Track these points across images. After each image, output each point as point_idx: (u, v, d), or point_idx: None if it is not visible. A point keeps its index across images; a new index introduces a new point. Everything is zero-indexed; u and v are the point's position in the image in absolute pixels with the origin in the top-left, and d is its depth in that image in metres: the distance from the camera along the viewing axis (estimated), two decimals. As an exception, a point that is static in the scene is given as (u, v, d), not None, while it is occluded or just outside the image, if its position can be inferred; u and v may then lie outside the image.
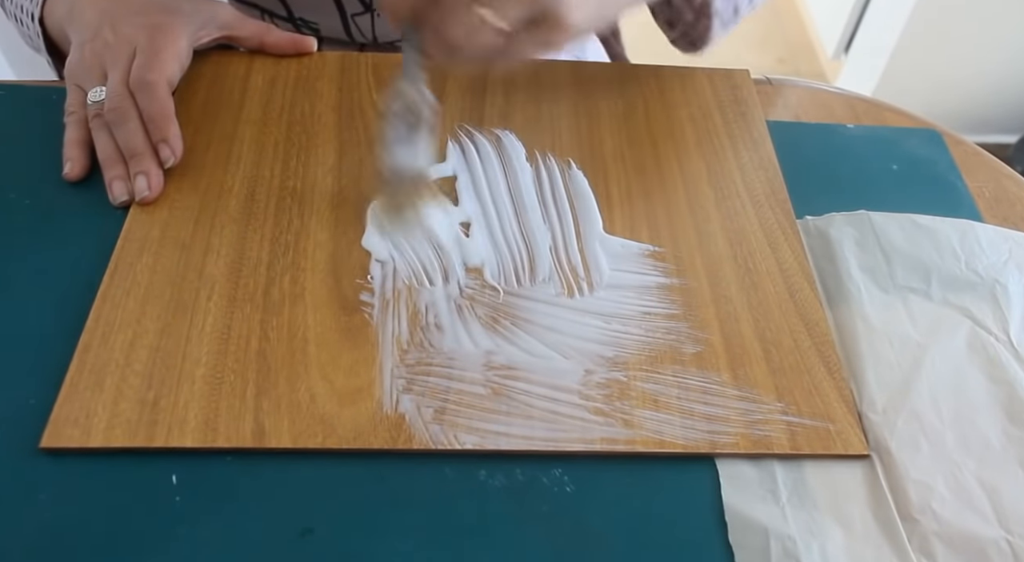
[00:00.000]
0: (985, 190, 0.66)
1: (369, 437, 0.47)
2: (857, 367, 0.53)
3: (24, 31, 0.72)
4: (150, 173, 0.58)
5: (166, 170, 0.59)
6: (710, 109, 0.69)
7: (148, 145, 0.59)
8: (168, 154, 0.59)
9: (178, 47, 0.62)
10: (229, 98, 0.66)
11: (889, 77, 1.97)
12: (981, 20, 1.84)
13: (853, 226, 0.60)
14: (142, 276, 0.54)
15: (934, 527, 0.46)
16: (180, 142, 0.60)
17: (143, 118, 0.59)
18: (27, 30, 0.71)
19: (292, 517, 0.46)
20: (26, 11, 0.69)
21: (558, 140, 0.65)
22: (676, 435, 0.49)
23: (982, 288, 0.56)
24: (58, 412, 0.48)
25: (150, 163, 0.59)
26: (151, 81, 0.59)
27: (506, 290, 0.55)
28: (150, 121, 0.59)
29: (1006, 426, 0.50)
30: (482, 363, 0.51)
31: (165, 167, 0.59)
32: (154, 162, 0.59)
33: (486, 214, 0.59)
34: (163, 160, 0.59)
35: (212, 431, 0.47)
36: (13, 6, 0.72)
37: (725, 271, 0.57)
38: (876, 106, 0.74)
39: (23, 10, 0.70)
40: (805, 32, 2.46)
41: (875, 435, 0.49)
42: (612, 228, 0.59)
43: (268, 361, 0.50)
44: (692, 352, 0.52)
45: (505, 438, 0.48)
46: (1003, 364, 0.52)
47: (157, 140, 0.59)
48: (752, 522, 0.46)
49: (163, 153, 0.59)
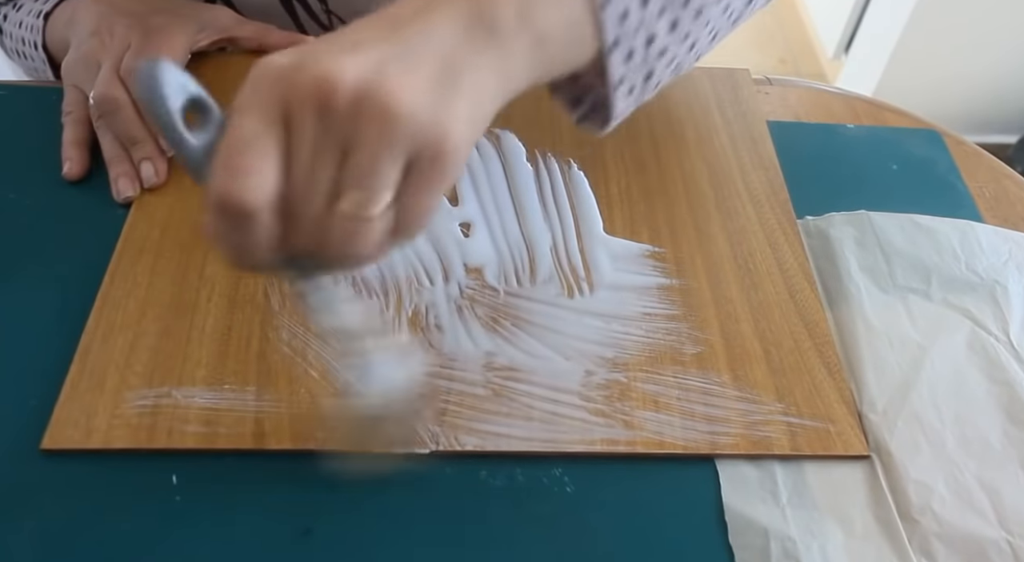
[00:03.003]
0: (985, 190, 0.66)
1: (368, 439, 0.47)
2: (857, 368, 0.53)
3: (28, 64, 0.72)
4: (154, 158, 0.58)
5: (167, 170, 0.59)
6: (710, 109, 0.69)
7: (147, 132, 0.59)
8: None
9: (173, 45, 0.62)
10: (229, 99, 0.66)
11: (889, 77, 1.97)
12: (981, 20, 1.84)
13: (853, 226, 0.60)
14: (142, 277, 0.54)
15: (934, 528, 0.46)
16: None
17: (138, 107, 0.59)
18: (30, 62, 0.71)
19: (292, 517, 0.46)
20: (28, 42, 0.70)
21: (559, 140, 0.65)
22: (676, 436, 0.49)
23: (982, 289, 0.56)
24: (59, 413, 0.48)
25: (152, 149, 0.59)
26: None
27: (506, 290, 0.55)
28: None
29: (1006, 427, 0.50)
30: (482, 364, 0.51)
31: (168, 154, 0.59)
32: (155, 147, 0.59)
33: (486, 214, 0.59)
34: (165, 148, 0.59)
35: (212, 432, 0.47)
36: (13, 41, 0.72)
37: (725, 271, 0.57)
38: (876, 106, 0.73)
39: (24, 42, 0.70)
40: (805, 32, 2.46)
41: (875, 436, 0.49)
42: (612, 228, 0.59)
43: (268, 362, 0.50)
44: (692, 353, 0.52)
45: (505, 439, 0.48)
46: (1003, 365, 0.52)
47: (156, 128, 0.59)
48: (752, 523, 0.46)
49: (163, 141, 0.59)
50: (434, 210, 0.38)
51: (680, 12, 0.44)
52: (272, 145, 0.35)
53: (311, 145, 0.35)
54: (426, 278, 0.55)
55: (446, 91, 0.36)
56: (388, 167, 0.35)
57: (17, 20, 0.72)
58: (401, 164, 0.35)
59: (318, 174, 0.35)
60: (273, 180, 0.35)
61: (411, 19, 0.37)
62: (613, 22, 0.41)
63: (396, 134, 0.34)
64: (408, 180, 0.36)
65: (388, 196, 0.36)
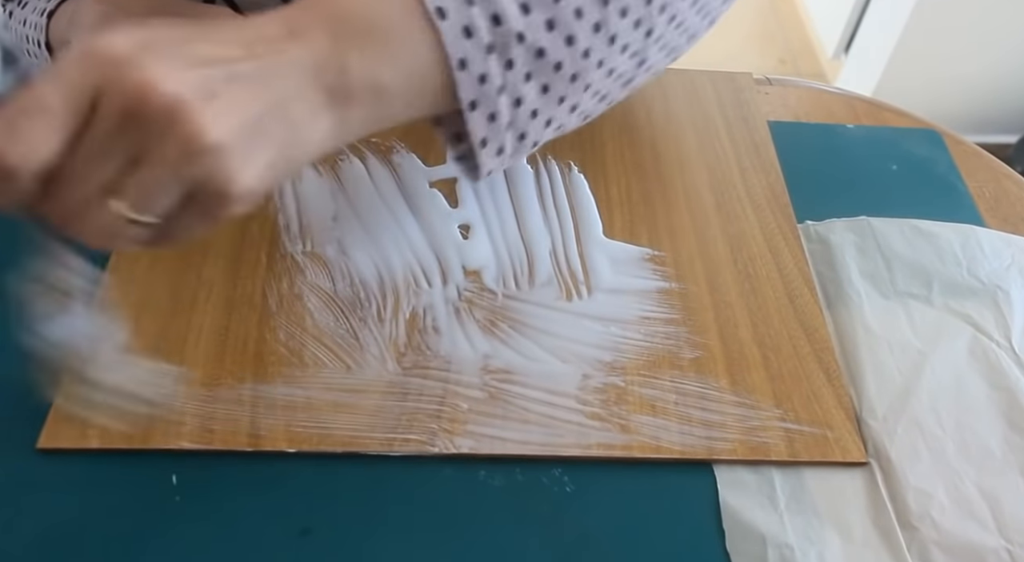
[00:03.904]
0: (985, 190, 0.66)
1: (365, 441, 0.47)
2: (857, 373, 0.52)
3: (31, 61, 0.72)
4: None
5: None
6: (712, 112, 0.69)
7: None
8: None
9: None
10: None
11: (889, 77, 1.97)
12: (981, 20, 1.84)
13: (854, 232, 0.60)
14: (140, 277, 0.54)
15: (933, 535, 0.45)
16: None
17: None
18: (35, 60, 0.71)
19: (291, 517, 0.45)
20: (32, 40, 0.70)
21: (559, 143, 0.65)
22: (673, 441, 0.48)
23: (984, 294, 0.56)
24: (56, 412, 0.47)
25: None
26: None
27: (504, 293, 0.55)
28: None
29: (1007, 433, 0.50)
30: (479, 367, 0.51)
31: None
32: None
33: (486, 217, 0.59)
34: None
35: (208, 433, 0.47)
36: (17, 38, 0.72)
37: (725, 276, 0.57)
38: (876, 106, 0.73)
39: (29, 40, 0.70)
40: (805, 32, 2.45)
41: (875, 442, 0.49)
42: (612, 232, 0.59)
43: (265, 363, 0.50)
44: (690, 357, 0.52)
45: (501, 442, 0.48)
46: (1004, 371, 0.52)
47: None
48: (750, 529, 0.46)
49: None
50: (199, 235, 0.37)
51: (551, 77, 0.42)
52: (61, 124, 0.34)
53: (103, 142, 0.34)
54: (424, 280, 0.55)
55: (261, 136, 0.35)
56: (172, 189, 0.35)
57: (21, 17, 0.72)
58: (185, 190, 0.35)
59: (97, 170, 0.35)
60: (46, 156, 0.34)
61: (272, 42, 0.36)
62: (470, 83, 0.40)
63: (190, 164, 0.34)
64: (185, 205, 0.36)
65: (161, 212, 0.36)
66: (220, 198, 0.35)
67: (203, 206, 0.36)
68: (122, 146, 0.34)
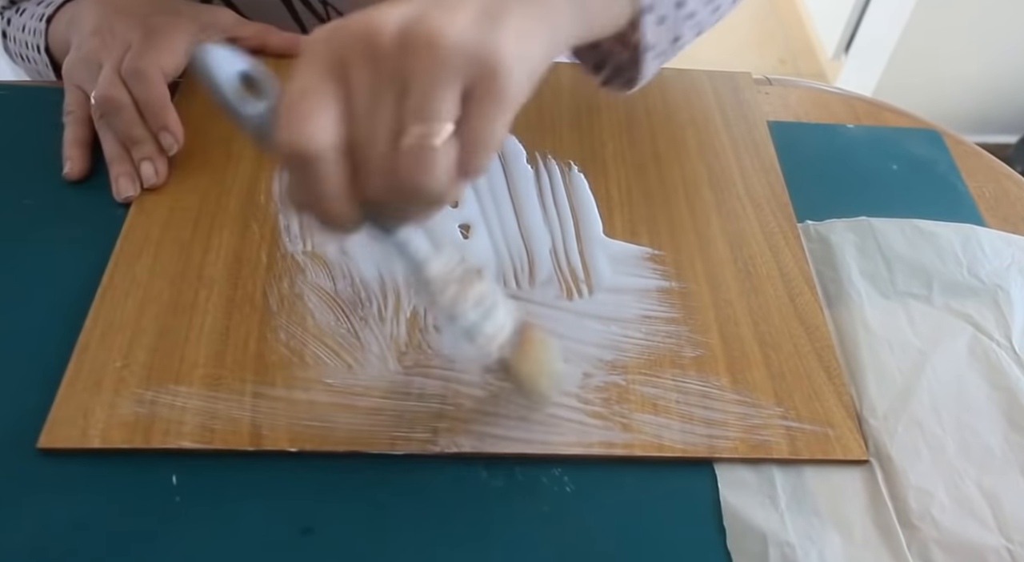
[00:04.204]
0: (985, 190, 0.66)
1: (367, 440, 0.47)
2: (857, 373, 0.52)
3: (31, 67, 0.73)
4: (154, 159, 0.58)
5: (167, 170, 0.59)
6: (712, 111, 0.69)
7: (147, 132, 0.59)
8: (171, 141, 0.59)
9: (174, 45, 0.62)
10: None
11: (889, 77, 1.97)
12: (981, 20, 1.84)
13: (854, 231, 0.60)
14: (141, 276, 0.54)
15: (934, 534, 0.45)
16: (180, 128, 0.59)
17: (139, 107, 0.59)
18: (33, 65, 0.71)
19: (292, 517, 0.45)
20: (31, 45, 0.70)
21: (559, 142, 0.65)
22: (675, 439, 0.49)
23: (984, 294, 0.56)
24: (56, 412, 0.47)
25: (152, 149, 0.59)
26: (142, 68, 0.59)
27: (505, 292, 0.55)
28: (146, 109, 0.59)
29: (1007, 433, 0.50)
30: (481, 366, 0.51)
31: (169, 154, 0.59)
32: (156, 148, 0.59)
33: (486, 216, 0.59)
34: (166, 148, 0.59)
35: (209, 432, 0.47)
36: (17, 45, 0.72)
37: (725, 275, 0.57)
38: (876, 106, 0.73)
39: (27, 45, 0.70)
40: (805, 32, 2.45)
41: (875, 441, 0.49)
42: (612, 231, 0.59)
43: (266, 363, 0.50)
44: (691, 356, 0.52)
45: (503, 441, 0.48)
46: (1005, 370, 0.52)
47: (157, 128, 0.59)
48: (751, 527, 0.46)
49: (165, 141, 0.59)
50: (499, 137, 0.37)
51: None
52: (329, 93, 0.36)
53: (367, 89, 0.36)
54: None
55: (490, 23, 0.36)
56: (444, 95, 0.35)
57: (20, 24, 0.72)
58: (457, 91, 0.36)
59: (378, 115, 0.36)
60: (333, 123, 0.36)
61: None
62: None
63: (445, 61, 0.35)
64: (467, 108, 0.36)
65: (449, 125, 0.36)
66: (491, 82, 0.36)
67: (482, 100, 0.36)
68: (383, 85, 0.36)
